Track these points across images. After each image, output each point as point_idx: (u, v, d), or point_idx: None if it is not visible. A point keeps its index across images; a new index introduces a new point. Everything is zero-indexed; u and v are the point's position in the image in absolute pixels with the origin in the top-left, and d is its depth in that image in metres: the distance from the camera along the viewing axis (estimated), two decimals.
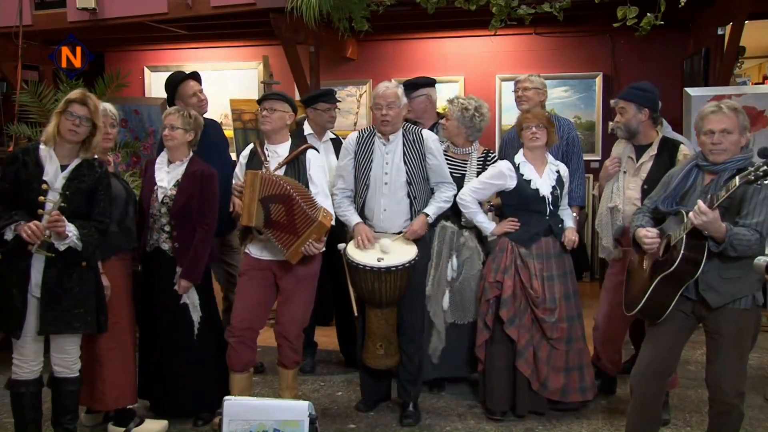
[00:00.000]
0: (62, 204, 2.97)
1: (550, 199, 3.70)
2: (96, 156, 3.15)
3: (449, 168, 3.86)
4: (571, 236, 3.76)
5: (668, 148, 3.63)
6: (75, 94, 3.08)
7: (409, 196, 3.66)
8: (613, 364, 4.00)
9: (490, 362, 3.76)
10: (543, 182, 3.71)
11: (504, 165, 3.76)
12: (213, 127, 4.30)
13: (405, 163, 3.64)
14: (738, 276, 2.78)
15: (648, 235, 2.90)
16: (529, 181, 3.69)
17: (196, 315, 3.59)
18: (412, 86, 4.26)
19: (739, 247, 2.67)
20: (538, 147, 3.72)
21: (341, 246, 3.67)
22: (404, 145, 3.67)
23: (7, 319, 3.00)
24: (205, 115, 4.30)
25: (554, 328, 3.66)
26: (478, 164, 3.97)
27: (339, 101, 4.42)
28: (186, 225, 3.50)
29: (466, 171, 3.97)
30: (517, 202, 3.75)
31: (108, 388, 3.44)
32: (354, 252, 3.59)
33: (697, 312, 2.89)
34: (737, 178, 2.55)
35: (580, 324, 3.76)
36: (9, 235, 2.90)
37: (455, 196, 3.76)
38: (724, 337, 2.84)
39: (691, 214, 2.67)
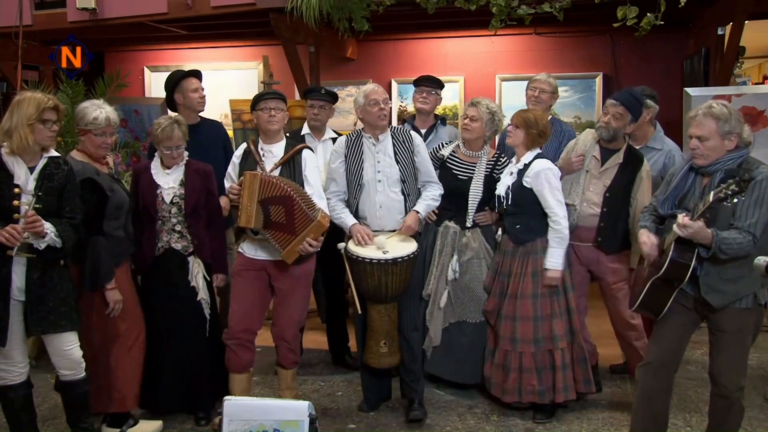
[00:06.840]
0: (36, 205, 2.93)
1: (503, 198, 3.69)
2: (58, 153, 3.10)
3: (456, 171, 3.90)
4: (551, 276, 3.60)
5: (633, 161, 3.70)
6: (47, 100, 2.99)
7: (402, 193, 3.68)
8: (588, 354, 3.99)
9: None
10: (503, 181, 3.75)
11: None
12: (213, 126, 4.34)
13: (397, 161, 3.67)
14: (738, 276, 2.80)
15: (646, 242, 2.96)
16: (498, 180, 3.82)
17: (207, 311, 3.64)
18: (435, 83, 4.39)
19: (729, 251, 2.71)
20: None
21: (341, 245, 3.65)
22: (394, 144, 3.69)
23: None
24: (205, 115, 4.31)
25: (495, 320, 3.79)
26: (487, 166, 3.89)
27: (321, 99, 4.21)
28: (198, 222, 3.59)
29: (473, 174, 3.89)
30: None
31: (115, 391, 3.43)
32: (358, 248, 3.59)
33: (699, 310, 2.92)
34: (711, 193, 2.64)
35: (525, 328, 3.64)
36: None
37: (441, 195, 3.77)
38: (725, 334, 2.88)
39: (674, 226, 2.73)
